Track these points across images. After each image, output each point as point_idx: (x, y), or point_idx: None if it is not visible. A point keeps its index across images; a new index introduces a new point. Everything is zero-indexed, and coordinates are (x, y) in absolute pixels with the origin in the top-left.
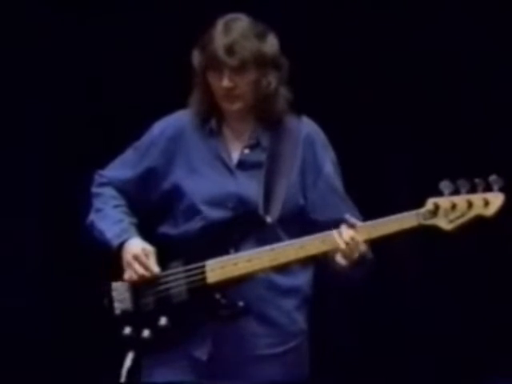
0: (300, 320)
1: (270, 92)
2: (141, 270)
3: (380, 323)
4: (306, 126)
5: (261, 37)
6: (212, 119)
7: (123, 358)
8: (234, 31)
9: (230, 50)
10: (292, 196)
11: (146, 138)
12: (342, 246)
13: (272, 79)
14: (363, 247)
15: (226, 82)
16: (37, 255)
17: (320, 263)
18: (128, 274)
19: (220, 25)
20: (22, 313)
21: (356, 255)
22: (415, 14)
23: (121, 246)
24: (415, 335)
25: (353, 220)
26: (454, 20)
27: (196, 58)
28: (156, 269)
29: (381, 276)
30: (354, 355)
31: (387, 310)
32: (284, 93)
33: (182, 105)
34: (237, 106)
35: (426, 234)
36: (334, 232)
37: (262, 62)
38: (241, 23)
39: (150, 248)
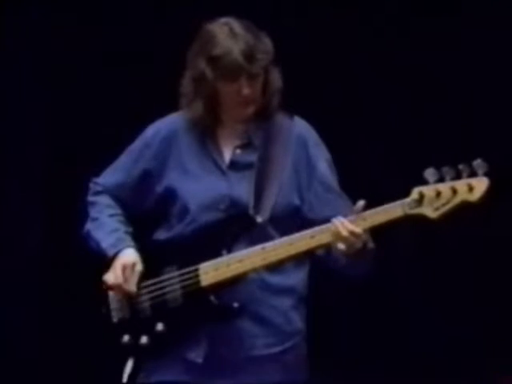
0: (296, 320)
1: (275, 90)
2: (120, 279)
3: (380, 323)
4: (298, 126)
5: (259, 36)
6: (208, 122)
7: (123, 364)
8: (244, 37)
9: (250, 57)
10: (284, 196)
11: (139, 141)
12: (345, 233)
13: (276, 76)
14: (365, 236)
15: (247, 90)
16: (35, 263)
17: (315, 260)
18: (107, 276)
19: (224, 32)
20: (20, 321)
21: (359, 245)
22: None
23: (116, 255)
24: (415, 334)
25: (359, 208)
26: (449, 21)
27: (203, 68)
28: (133, 288)
29: (381, 275)
30: (354, 355)
31: (388, 310)
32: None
33: (176, 109)
34: (250, 110)
35: (425, 232)
36: (336, 221)
37: (269, 63)
38: (243, 28)
39: (139, 267)
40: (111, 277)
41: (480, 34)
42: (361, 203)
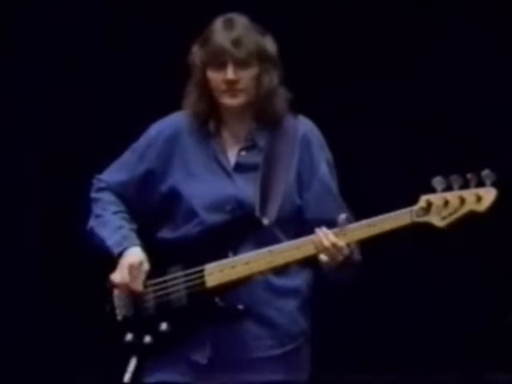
0: (301, 321)
1: (271, 89)
2: (127, 279)
3: (381, 323)
4: (303, 126)
5: (262, 34)
6: (210, 120)
7: (125, 363)
8: (237, 26)
9: (236, 42)
10: (289, 196)
11: (142, 140)
12: (327, 244)
13: (273, 76)
14: (346, 251)
15: (230, 74)
16: (37, 261)
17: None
18: (113, 276)
19: (221, 21)
20: (21, 319)
21: (340, 258)
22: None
23: (121, 253)
24: (417, 335)
25: (343, 221)
26: (451, 23)
27: (196, 54)
28: (140, 287)
29: (381, 275)
30: (355, 355)
31: (389, 311)
32: (283, 93)
33: (178, 107)
34: (238, 100)
35: (422, 234)
36: (320, 233)
37: (264, 58)
38: (242, 20)
39: (146, 266)
40: (118, 276)
41: (488, 39)
42: (342, 216)
